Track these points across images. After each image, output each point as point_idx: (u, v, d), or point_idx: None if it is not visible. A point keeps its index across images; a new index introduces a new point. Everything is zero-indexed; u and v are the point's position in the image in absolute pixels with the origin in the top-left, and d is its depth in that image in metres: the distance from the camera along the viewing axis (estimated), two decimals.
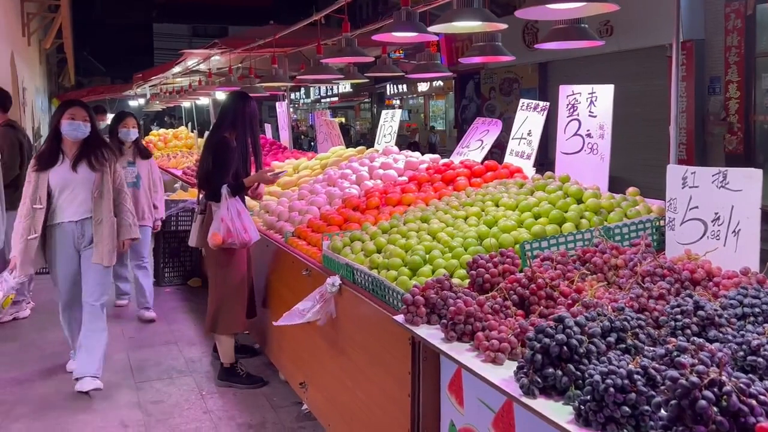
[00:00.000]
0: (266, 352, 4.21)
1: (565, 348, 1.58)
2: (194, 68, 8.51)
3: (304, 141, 22.04)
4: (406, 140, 17.20)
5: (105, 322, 4.03)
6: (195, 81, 9.86)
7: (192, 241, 4.14)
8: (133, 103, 15.58)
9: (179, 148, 10.28)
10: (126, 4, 36.09)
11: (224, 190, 3.77)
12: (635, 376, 1.40)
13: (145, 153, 5.42)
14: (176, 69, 8.58)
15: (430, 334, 2.04)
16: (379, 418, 2.55)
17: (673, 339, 1.58)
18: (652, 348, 1.63)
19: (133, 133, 5.26)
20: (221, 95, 9.77)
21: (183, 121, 14.21)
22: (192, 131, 10.99)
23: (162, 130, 12.12)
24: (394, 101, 24.33)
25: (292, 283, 3.55)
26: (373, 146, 5.33)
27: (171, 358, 4.56)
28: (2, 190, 4.36)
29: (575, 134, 3.16)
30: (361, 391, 2.71)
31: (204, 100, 11.16)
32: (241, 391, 3.97)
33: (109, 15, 35.61)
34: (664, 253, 2.32)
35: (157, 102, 14.45)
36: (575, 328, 1.62)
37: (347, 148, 5.51)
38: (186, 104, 13.14)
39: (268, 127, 9.18)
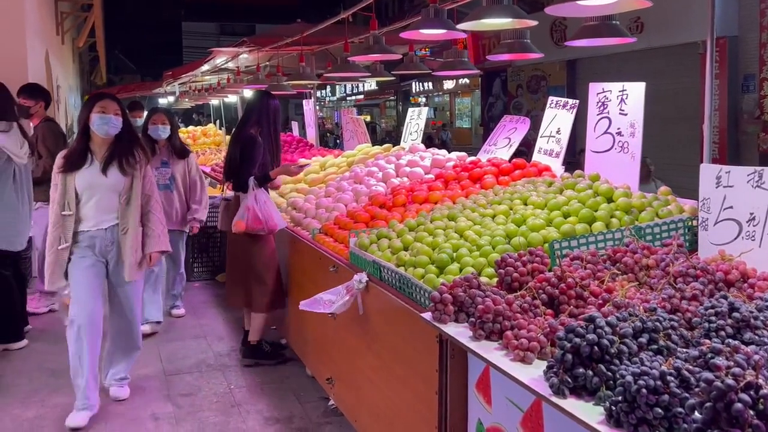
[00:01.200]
0: (293, 348, 4.25)
1: (596, 348, 1.57)
2: (222, 66, 8.60)
3: (330, 138, 22.14)
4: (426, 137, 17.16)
5: (139, 340, 3.79)
6: (223, 79, 9.97)
7: (219, 225, 4.68)
8: (162, 101, 15.80)
9: (208, 145, 10.40)
10: (155, 2, 36.62)
11: (251, 181, 4.09)
12: (668, 378, 1.38)
13: (181, 151, 4.99)
14: (205, 67, 8.68)
15: (458, 332, 2.04)
16: (406, 415, 2.56)
17: (707, 341, 1.56)
18: (685, 350, 1.60)
19: (164, 131, 4.86)
20: (249, 93, 9.87)
21: (211, 118, 14.37)
22: (220, 128, 11.12)
23: (190, 128, 12.28)
24: (419, 99, 24.29)
25: (319, 280, 3.57)
26: (398, 144, 5.33)
27: (200, 351, 4.62)
28: (30, 184, 4.48)
29: (605, 132, 3.12)
30: (387, 388, 2.72)
31: (232, 98, 11.28)
32: (268, 385, 4.02)
33: (139, 14, 36.17)
34: (696, 254, 2.28)
35: (186, 99, 14.65)
36: (606, 328, 1.61)
37: (373, 145, 5.52)
38: (214, 102, 13.27)
39: (294, 125, 9.23)
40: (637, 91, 2.97)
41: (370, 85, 24.87)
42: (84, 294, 3.45)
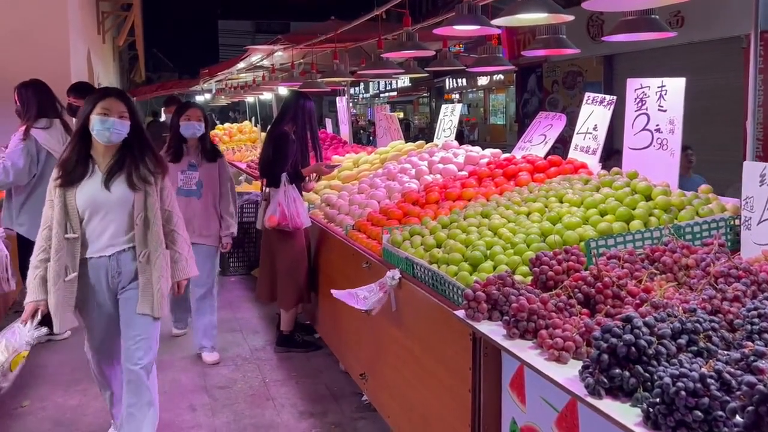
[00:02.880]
0: (328, 343, 4.29)
1: (633, 348, 1.55)
2: (258, 64, 8.70)
3: (363, 135, 22.22)
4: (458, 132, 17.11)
5: (154, 392, 2.94)
6: (259, 76, 10.07)
7: (258, 224, 4.64)
8: (199, 98, 16.05)
9: (243, 141, 10.54)
10: (193, 1, 37.22)
11: (283, 177, 4.22)
12: (708, 380, 1.35)
13: (212, 154, 4.36)
14: (240, 65, 8.79)
15: (492, 330, 2.03)
16: (440, 412, 2.56)
17: (750, 343, 1.52)
18: (726, 352, 1.57)
19: (198, 128, 4.24)
20: (284, 90, 9.96)
21: (247, 115, 14.55)
22: (255, 125, 11.25)
23: (226, 125, 12.45)
24: (453, 95, 24.17)
25: (352, 276, 3.59)
26: (431, 141, 5.32)
27: (236, 345, 4.70)
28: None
29: (643, 129, 3.06)
30: (421, 385, 2.72)
31: (267, 95, 11.39)
32: (302, 379, 4.06)
33: (176, 12, 36.79)
34: (739, 254, 2.23)
35: (222, 97, 14.85)
36: (644, 329, 1.58)
37: (407, 142, 5.52)
38: (250, 99, 13.43)
39: (328, 122, 9.29)
40: (676, 86, 2.90)
41: (404, 81, 24.86)
42: (97, 338, 2.96)
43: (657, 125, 2.98)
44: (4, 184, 4.21)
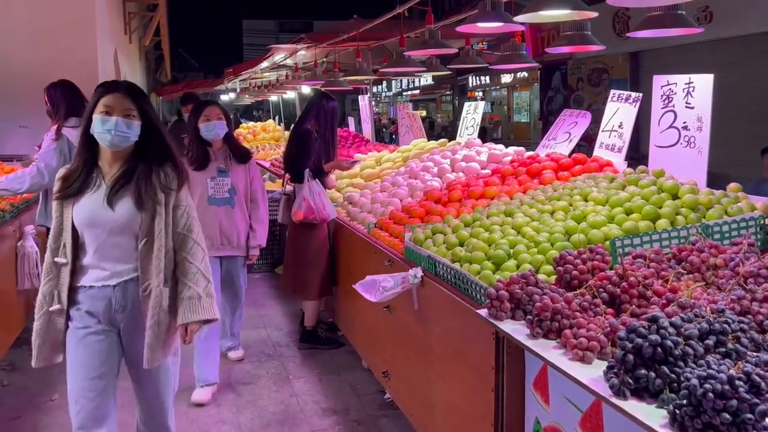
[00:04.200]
0: (351, 341, 4.30)
1: (658, 349, 1.52)
2: (281, 63, 8.75)
3: (385, 134, 22.24)
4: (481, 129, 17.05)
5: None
6: (282, 75, 10.14)
7: (279, 218, 4.77)
8: (224, 97, 16.22)
9: (267, 140, 10.62)
10: (217, 1, 37.59)
11: (307, 173, 4.31)
12: (737, 382, 1.33)
13: (242, 154, 3.93)
14: (264, 64, 8.86)
15: (515, 329, 2.02)
16: (462, 411, 2.55)
17: None
18: (755, 353, 1.54)
19: (221, 128, 3.77)
20: (306, 89, 10.01)
21: (270, 114, 14.64)
22: (279, 124, 11.32)
23: (251, 123, 12.55)
24: (476, 93, 24.03)
25: (374, 274, 3.59)
26: (454, 139, 5.30)
27: (260, 341, 4.75)
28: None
29: (670, 126, 3.01)
30: (443, 383, 2.71)
31: (290, 94, 11.47)
32: (326, 377, 4.08)
33: (201, 13, 37.19)
34: None
35: (247, 96, 14.98)
36: (670, 329, 1.56)
37: (431, 140, 5.51)
38: (273, 98, 13.53)
39: (351, 120, 9.31)
40: (704, 83, 2.85)
41: (426, 80, 24.79)
42: (85, 387, 2.33)
43: (684, 122, 2.93)
44: (40, 186, 4.25)
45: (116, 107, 2.30)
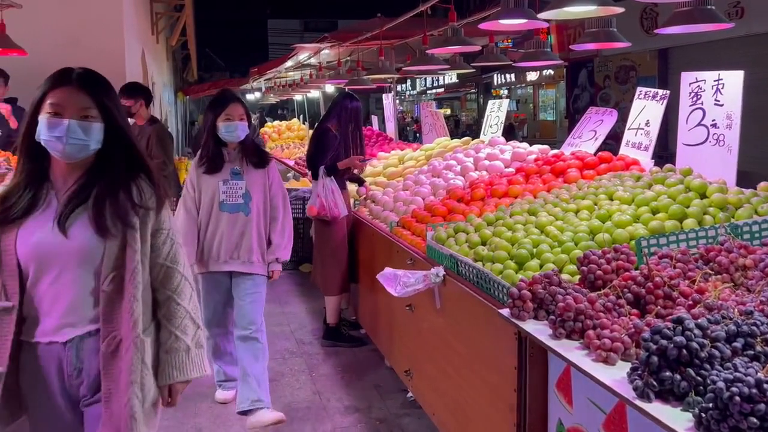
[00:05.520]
0: (373, 340, 4.31)
1: (684, 351, 1.49)
2: (305, 62, 8.80)
3: (409, 132, 22.22)
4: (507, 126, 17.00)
5: None
6: (306, 74, 10.19)
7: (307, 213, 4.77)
8: (250, 97, 16.35)
9: (292, 139, 10.69)
10: (242, 2, 37.92)
11: (322, 170, 4.42)
12: (765, 386, 1.30)
13: (260, 158, 3.44)
14: (289, 63, 8.91)
15: (537, 329, 2.00)
16: (485, 411, 2.54)
17: None
18: None
19: (242, 129, 3.33)
20: (330, 88, 10.05)
21: (295, 113, 14.74)
22: (303, 123, 11.39)
23: (275, 122, 12.65)
24: (501, 91, 23.88)
25: None
26: (478, 137, 5.27)
27: (283, 338, 4.79)
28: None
29: (699, 124, 2.95)
30: (466, 383, 2.70)
31: (314, 93, 11.51)
32: (348, 375, 4.10)
33: (227, 13, 37.55)
34: None
35: (271, 95, 15.09)
36: (696, 331, 1.53)
37: (456, 138, 5.48)
38: (298, 97, 13.60)
39: (374, 119, 9.32)
40: (734, 80, 2.79)
41: (451, 78, 24.67)
42: None
43: (713, 120, 2.87)
44: None
45: (68, 106, 1.72)
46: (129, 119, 4.95)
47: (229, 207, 3.35)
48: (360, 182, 4.83)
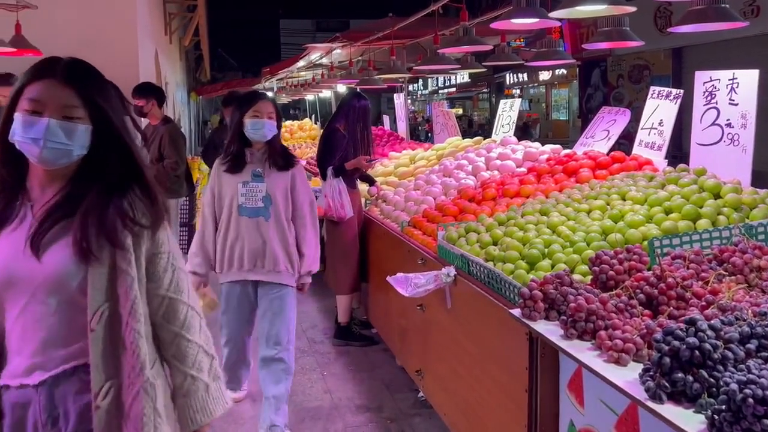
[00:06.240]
0: (384, 339, 4.31)
1: (696, 352, 1.48)
2: (317, 62, 8.82)
3: (421, 132, 22.21)
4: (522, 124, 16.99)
5: None
6: (318, 74, 10.21)
7: None
8: None
9: (304, 139, 10.71)
10: (255, 2, 38.08)
11: (329, 170, 4.45)
12: None
13: (283, 159, 3.23)
14: (300, 63, 8.93)
15: (549, 330, 1.99)
16: (496, 412, 2.53)
17: None
18: None
19: (270, 128, 3.15)
20: (342, 88, 10.06)
21: (307, 113, 14.77)
22: (315, 123, 11.41)
23: (288, 122, 12.68)
24: (513, 91, 23.80)
25: (407, 272, 3.59)
26: (490, 137, 5.25)
27: (295, 337, 4.78)
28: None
29: (713, 124, 2.93)
30: (476, 383, 2.70)
31: (326, 93, 11.54)
32: (360, 374, 4.11)
33: (239, 13, 37.72)
34: None
35: (284, 95, 15.13)
36: (709, 332, 1.52)
37: (468, 137, 5.48)
38: (309, 97, 13.64)
39: (386, 119, 9.33)
40: (749, 79, 2.76)
41: (463, 77, 24.64)
42: None
43: (728, 120, 2.84)
44: None
45: (49, 102, 1.42)
46: (142, 119, 5.01)
47: (248, 211, 3.15)
48: (371, 182, 4.85)
